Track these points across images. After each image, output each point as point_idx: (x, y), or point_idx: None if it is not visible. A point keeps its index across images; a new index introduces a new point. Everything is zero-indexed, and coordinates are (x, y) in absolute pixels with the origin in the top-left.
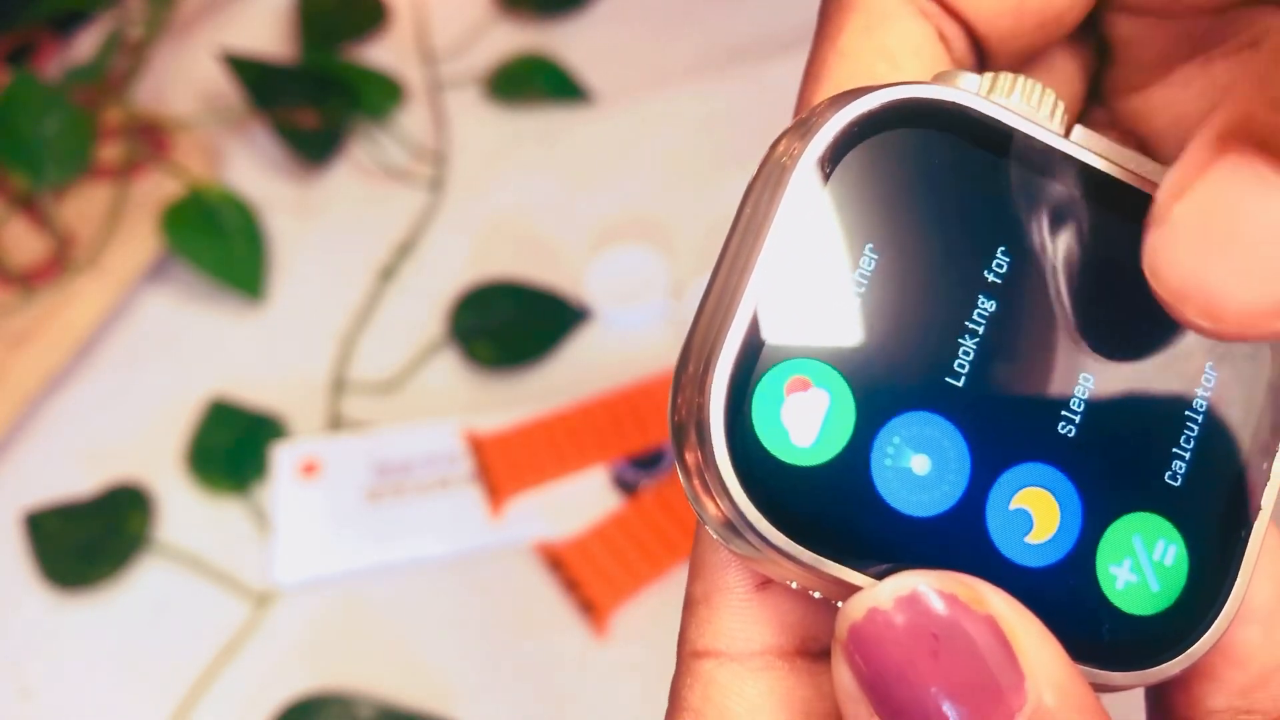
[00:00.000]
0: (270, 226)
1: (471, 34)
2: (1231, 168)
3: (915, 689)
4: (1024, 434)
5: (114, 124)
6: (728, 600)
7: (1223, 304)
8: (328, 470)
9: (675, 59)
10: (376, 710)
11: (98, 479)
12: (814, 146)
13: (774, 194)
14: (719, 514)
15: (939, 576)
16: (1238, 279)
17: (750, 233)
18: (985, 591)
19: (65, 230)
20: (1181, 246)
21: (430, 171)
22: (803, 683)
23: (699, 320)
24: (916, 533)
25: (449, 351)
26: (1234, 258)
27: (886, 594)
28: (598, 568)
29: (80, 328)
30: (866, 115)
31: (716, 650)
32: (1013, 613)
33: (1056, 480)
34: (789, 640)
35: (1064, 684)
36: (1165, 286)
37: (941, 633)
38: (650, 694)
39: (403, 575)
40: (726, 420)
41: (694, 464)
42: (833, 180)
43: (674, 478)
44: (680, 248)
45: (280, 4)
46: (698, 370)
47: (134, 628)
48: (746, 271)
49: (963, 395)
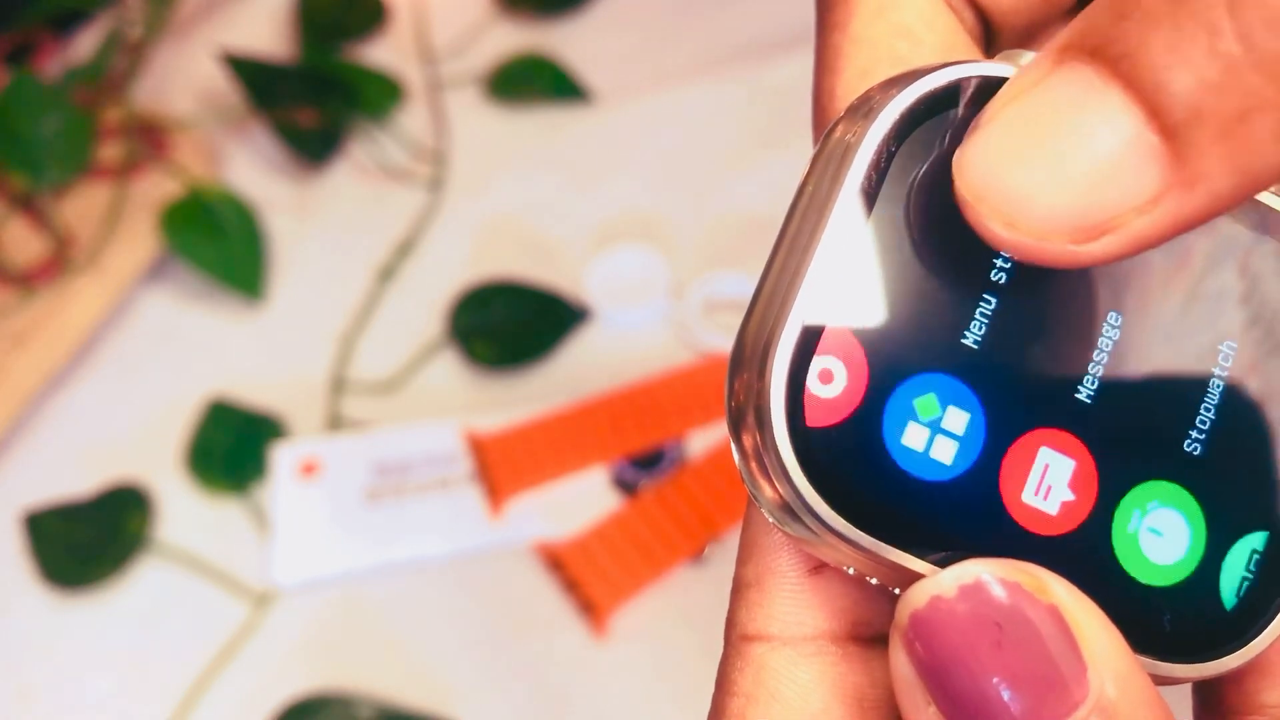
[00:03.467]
0: (270, 226)
1: (471, 34)
2: (1064, 74)
3: (976, 678)
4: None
5: (113, 124)
6: (780, 584)
7: (1020, 210)
8: (327, 470)
9: (675, 59)
10: (376, 710)
11: (97, 479)
12: (878, 126)
13: (837, 175)
14: (776, 497)
15: (1003, 565)
16: (1040, 185)
17: (812, 214)
18: (1049, 580)
19: (65, 230)
20: (993, 145)
21: (430, 171)
22: (855, 669)
23: (756, 302)
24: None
25: (449, 351)
26: (1044, 163)
27: (950, 581)
28: (598, 568)
29: (80, 328)
30: (931, 94)
31: (768, 634)
32: (1076, 602)
33: (1179, 496)
34: (842, 625)
35: (1126, 675)
36: (965, 182)
37: (1005, 621)
38: (650, 694)
39: (402, 575)
40: (787, 401)
41: (751, 447)
42: (896, 160)
43: (674, 478)
44: (680, 248)
45: (280, 4)
46: (756, 352)
47: (133, 628)
48: (809, 252)
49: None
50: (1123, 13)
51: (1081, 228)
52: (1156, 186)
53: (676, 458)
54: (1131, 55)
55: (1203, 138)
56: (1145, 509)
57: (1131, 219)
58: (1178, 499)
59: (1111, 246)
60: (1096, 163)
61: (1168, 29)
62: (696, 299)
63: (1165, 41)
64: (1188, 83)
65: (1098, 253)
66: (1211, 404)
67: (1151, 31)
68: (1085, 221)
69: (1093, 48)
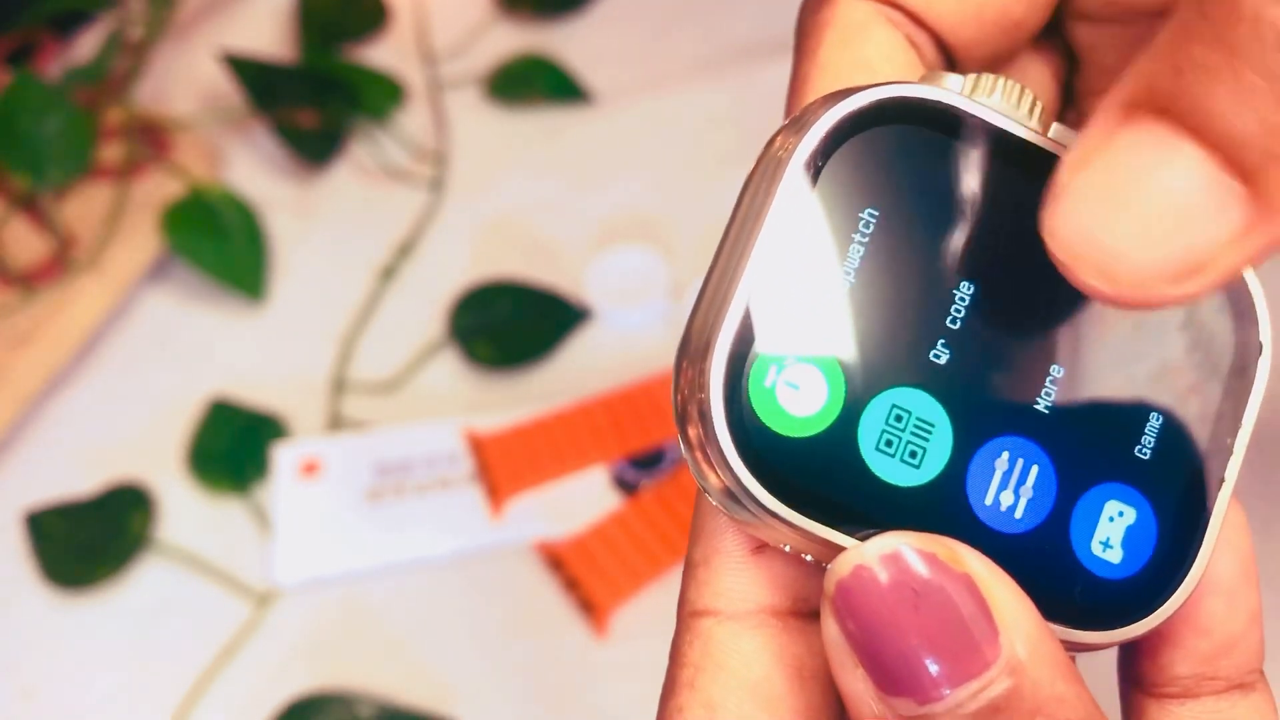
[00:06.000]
0: (270, 226)
1: (471, 34)
2: (1134, 134)
3: (897, 641)
4: (1001, 408)
5: (115, 124)
6: (725, 563)
7: (1117, 264)
8: (328, 470)
9: (675, 59)
10: (377, 710)
11: (98, 479)
12: (808, 141)
13: (770, 185)
14: (719, 483)
15: (920, 538)
16: (1133, 239)
17: (748, 222)
18: (963, 552)
19: (66, 230)
20: (1081, 208)
21: (430, 172)
22: (794, 640)
23: (699, 304)
24: (901, 501)
25: (449, 351)
26: (1131, 219)
27: (871, 552)
28: (598, 567)
29: (81, 328)
30: (857, 112)
31: (715, 609)
32: (988, 572)
33: (1032, 451)
34: (782, 600)
35: (1035, 638)
36: (1061, 246)
37: (922, 589)
38: (650, 694)
39: (403, 575)
40: (725, 396)
41: (696, 438)
42: (825, 173)
43: (674, 477)
44: (680, 248)
45: (280, 4)
46: (698, 350)
47: (135, 628)
48: (744, 258)
49: (945, 373)
50: (1179, 68)
51: (1178, 271)
52: (1242, 224)
53: (676, 458)
54: (1199, 109)
55: (1278, 174)
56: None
57: (1223, 254)
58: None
59: (1208, 281)
60: (1181, 211)
61: (1228, 80)
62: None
63: (1229, 92)
64: (1256, 128)
65: (1195, 289)
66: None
67: (1213, 84)
68: (1181, 266)
69: (1159, 104)
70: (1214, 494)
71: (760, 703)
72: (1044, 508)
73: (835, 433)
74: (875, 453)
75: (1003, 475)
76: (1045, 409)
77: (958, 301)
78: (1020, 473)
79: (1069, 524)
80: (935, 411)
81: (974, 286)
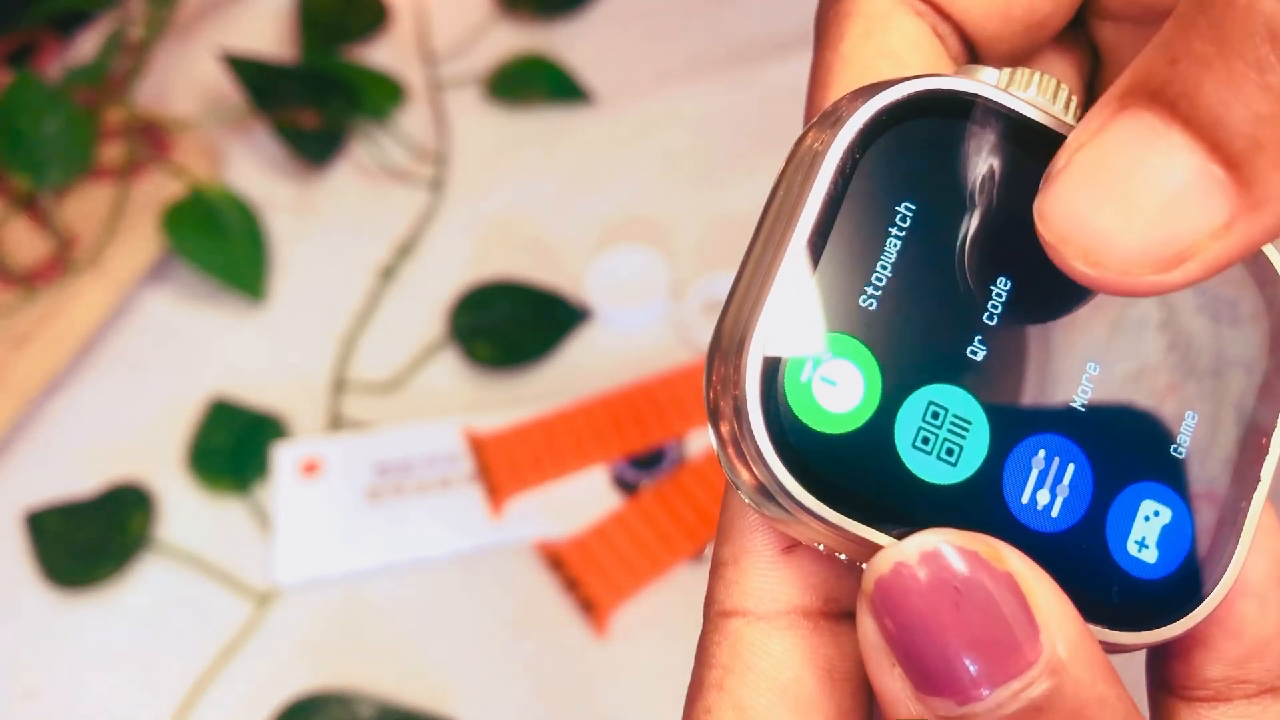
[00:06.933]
0: (271, 226)
1: (472, 34)
2: (1127, 121)
3: (936, 640)
4: (1038, 406)
5: (115, 124)
6: (755, 562)
7: (1103, 249)
8: (328, 470)
9: (675, 59)
10: (377, 709)
11: (99, 479)
12: (844, 135)
13: (806, 179)
14: (752, 480)
15: (961, 535)
16: (1120, 224)
17: (782, 218)
18: (1004, 551)
19: (66, 230)
20: (1070, 192)
21: (430, 172)
22: (825, 641)
23: (731, 300)
24: (938, 498)
25: (449, 351)
26: (1119, 204)
27: (912, 549)
28: (598, 567)
29: (81, 328)
30: (894, 105)
31: (744, 609)
32: (1029, 571)
33: (1068, 450)
34: (813, 601)
35: (1076, 638)
36: (1049, 228)
37: (963, 587)
38: (650, 693)
39: (403, 575)
40: (761, 392)
41: (729, 434)
42: (861, 166)
43: (673, 477)
44: (680, 248)
45: (281, 4)
46: (731, 346)
47: (135, 627)
48: (779, 253)
49: (982, 370)
50: (1174, 58)
51: (1162, 259)
52: (1227, 214)
53: (676, 458)
54: (1189, 97)
55: (1264, 164)
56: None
57: (1207, 245)
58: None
59: (1192, 272)
60: (1167, 199)
61: (1219, 69)
62: (696, 299)
63: (1218, 81)
64: (1244, 117)
65: (1179, 279)
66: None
67: (1204, 73)
68: (1165, 253)
69: (1151, 93)
70: (1249, 494)
71: (791, 705)
72: (1080, 507)
73: (871, 429)
74: (912, 450)
75: (1039, 473)
76: (1081, 406)
77: (994, 297)
78: (1057, 471)
79: (1105, 523)
80: (972, 408)
81: (1010, 282)
